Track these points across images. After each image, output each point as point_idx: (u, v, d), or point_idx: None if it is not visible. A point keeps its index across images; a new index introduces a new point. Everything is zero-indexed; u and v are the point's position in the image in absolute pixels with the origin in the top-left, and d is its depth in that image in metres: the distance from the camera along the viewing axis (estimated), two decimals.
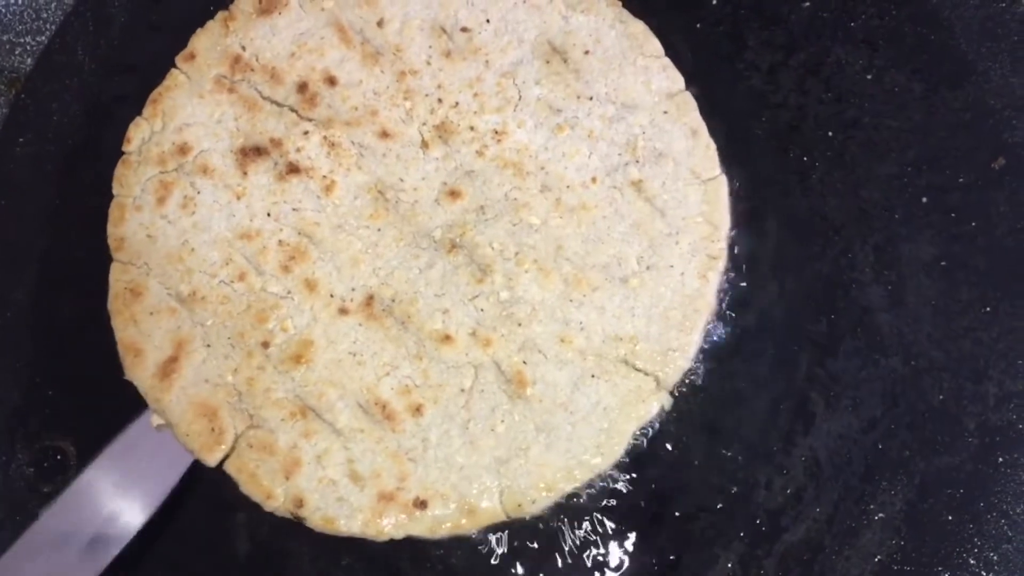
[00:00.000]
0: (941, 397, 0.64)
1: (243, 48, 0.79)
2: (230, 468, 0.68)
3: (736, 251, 0.73)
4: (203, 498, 0.73)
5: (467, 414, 0.70)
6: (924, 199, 0.74)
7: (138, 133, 0.77)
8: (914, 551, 0.66)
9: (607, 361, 0.72)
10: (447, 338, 0.73)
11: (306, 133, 0.77)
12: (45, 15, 0.86)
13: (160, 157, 0.76)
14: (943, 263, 0.72)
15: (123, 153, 0.76)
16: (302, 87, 0.78)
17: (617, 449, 0.71)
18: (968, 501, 0.67)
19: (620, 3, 0.77)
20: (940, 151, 0.75)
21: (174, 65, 0.76)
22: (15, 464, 0.71)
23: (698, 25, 0.80)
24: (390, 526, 0.68)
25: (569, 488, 0.69)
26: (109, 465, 0.71)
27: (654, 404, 0.72)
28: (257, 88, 0.77)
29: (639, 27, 0.77)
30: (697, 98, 0.76)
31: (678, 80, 0.76)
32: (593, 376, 0.73)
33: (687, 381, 0.70)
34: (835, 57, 0.77)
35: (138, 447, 0.72)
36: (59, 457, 0.75)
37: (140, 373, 0.70)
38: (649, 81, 0.79)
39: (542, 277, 0.75)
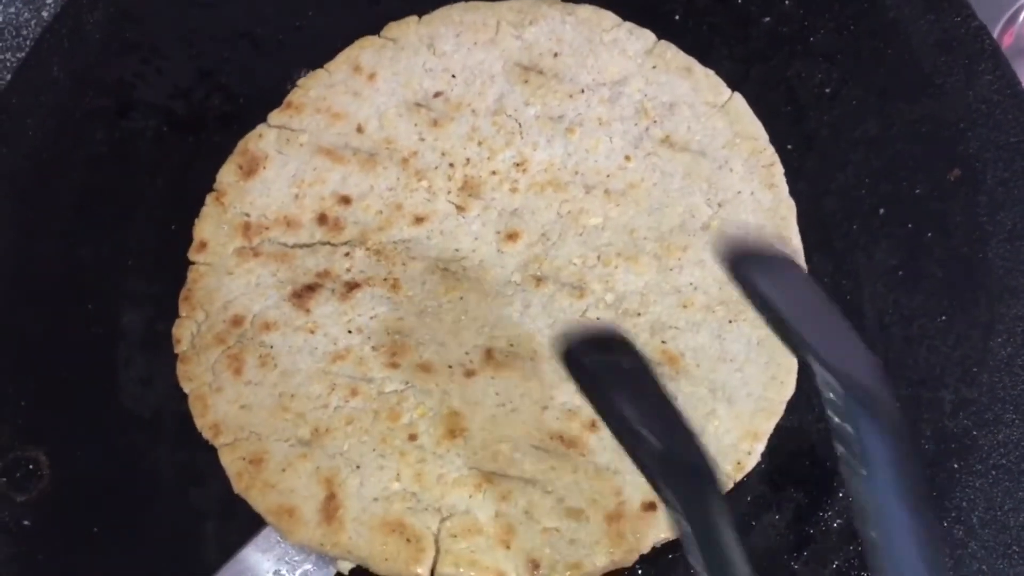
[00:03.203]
0: (897, 405, 0.65)
1: (247, 214, 0.84)
2: (446, 568, 0.72)
3: None
4: (168, 508, 0.80)
5: None
6: (882, 210, 0.86)
7: (184, 332, 0.81)
8: None
9: (733, 303, 0.78)
10: None
11: (347, 255, 0.83)
12: (25, 32, 0.89)
13: (217, 338, 0.80)
14: (900, 272, 0.84)
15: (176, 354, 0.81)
16: (322, 219, 0.84)
17: (791, 372, 0.77)
18: None
19: (559, 0, 0.90)
20: (897, 163, 0.87)
21: (190, 262, 0.84)
22: None
23: (661, 40, 0.89)
24: (636, 541, 0.71)
25: (773, 424, 0.75)
26: None
27: None
28: (280, 241, 0.83)
29: (587, 10, 0.88)
30: None
31: (648, 36, 0.87)
32: (731, 322, 0.78)
33: None
34: (794, 71, 0.92)
35: None
36: (31, 467, 0.80)
37: (303, 530, 0.74)
38: (624, 50, 0.86)
39: (633, 265, 0.80)
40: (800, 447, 0.80)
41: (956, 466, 0.78)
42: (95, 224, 0.89)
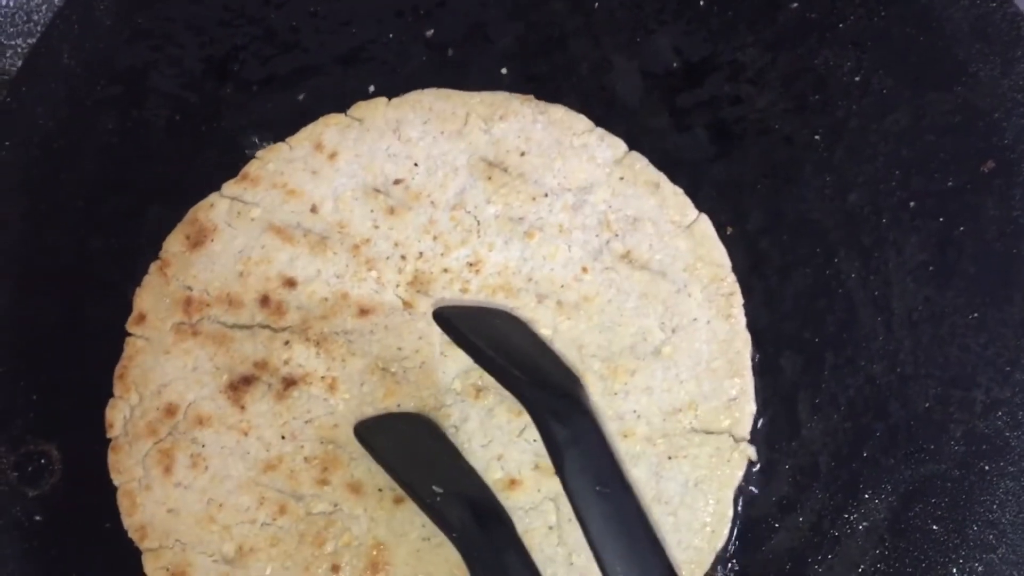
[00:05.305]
0: (927, 404, 0.76)
1: (190, 288, 0.83)
2: None
3: None
4: None
5: (565, 549, 0.73)
6: (912, 203, 0.83)
7: (117, 415, 0.81)
8: (897, 561, 0.77)
9: (676, 437, 0.75)
10: (513, 483, 0.75)
11: (287, 343, 0.80)
12: (36, 17, 0.87)
13: (149, 428, 0.79)
14: (931, 268, 0.82)
15: (108, 439, 0.81)
16: (264, 301, 0.81)
17: (726, 520, 0.74)
18: (953, 510, 0.77)
19: (532, 96, 0.86)
20: (928, 154, 0.84)
21: (128, 333, 0.83)
22: None
23: (686, 26, 0.88)
24: None
25: None
26: None
27: (740, 460, 0.75)
28: (220, 321, 0.82)
29: (559, 111, 0.85)
30: (684, 97, 0.85)
31: (619, 145, 0.84)
32: (670, 458, 0.75)
33: None
34: (823, 59, 0.88)
35: None
36: (43, 461, 0.81)
37: None
38: (593, 156, 0.83)
39: None
40: (826, 452, 0.78)
41: (987, 468, 0.77)
42: (106, 214, 0.88)
